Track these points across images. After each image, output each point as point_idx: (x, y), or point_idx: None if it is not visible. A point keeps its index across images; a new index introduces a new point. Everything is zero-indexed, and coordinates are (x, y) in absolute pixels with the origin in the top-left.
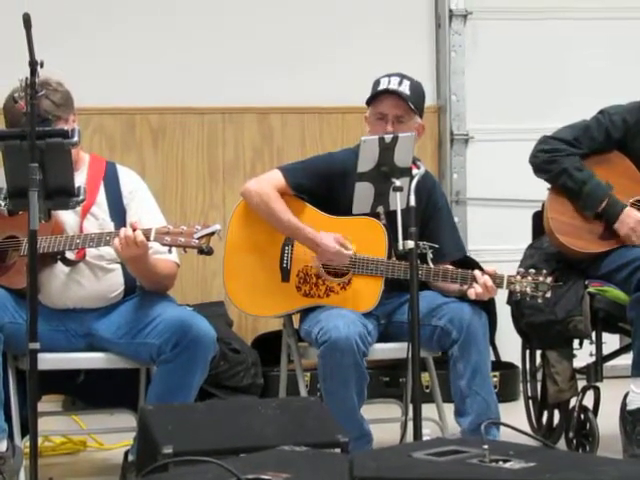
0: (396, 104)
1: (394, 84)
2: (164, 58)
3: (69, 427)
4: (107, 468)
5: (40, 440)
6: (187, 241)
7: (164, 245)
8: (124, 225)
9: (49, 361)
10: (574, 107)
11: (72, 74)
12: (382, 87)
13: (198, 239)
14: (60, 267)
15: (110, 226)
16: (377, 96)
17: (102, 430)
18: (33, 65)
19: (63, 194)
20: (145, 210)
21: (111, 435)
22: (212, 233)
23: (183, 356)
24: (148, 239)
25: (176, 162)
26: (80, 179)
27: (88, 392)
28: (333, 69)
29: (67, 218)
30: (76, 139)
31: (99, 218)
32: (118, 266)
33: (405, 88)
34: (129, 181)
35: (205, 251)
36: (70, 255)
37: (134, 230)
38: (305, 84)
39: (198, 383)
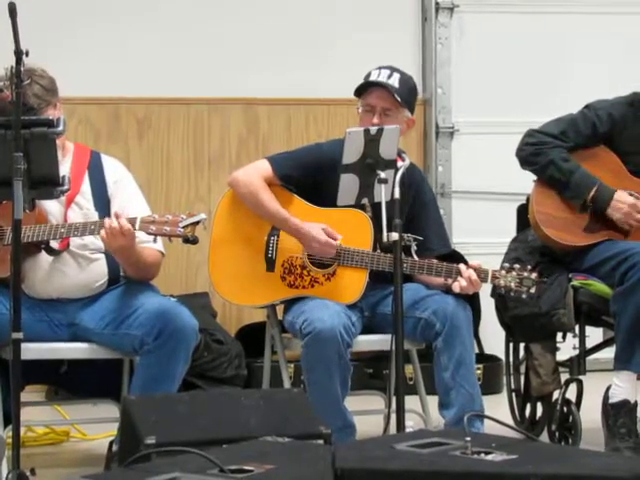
0: (383, 96)
1: (383, 77)
2: (150, 49)
3: (52, 417)
4: (90, 458)
5: (23, 430)
6: (172, 230)
7: (149, 234)
8: (108, 215)
9: (32, 351)
10: (560, 101)
11: (57, 64)
12: (371, 79)
13: (183, 228)
14: (44, 257)
15: (94, 216)
16: (365, 88)
17: (85, 420)
18: (19, 54)
19: (48, 183)
20: (130, 200)
21: (94, 425)
22: (197, 222)
23: (165, 346)
24: (133, 228)
25: (161, 153)
26: (64, 168)
27: (71, 382)
28: (319, 61)
29: (51, 207)
30: (61, 128)
31: (83, 208)
32: (102, 256)
33: (394, 81)
34: (114, 171)
35: (190, 240)
36: (54, 244)
37: (118, 219)
38: (291, 75)
39: (181, 373)
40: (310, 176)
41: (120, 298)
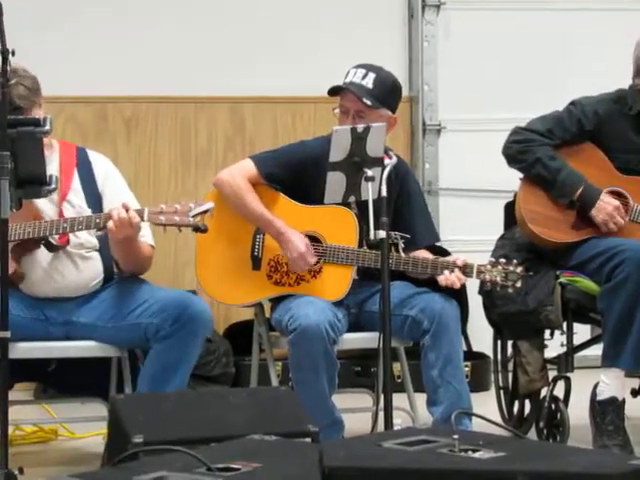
0: (353, 99)
1: (358, 77)
2: (137, 47)
3: (40, 416)
4: (78, 457)
5: (11, 429)
6: (182, 220)
7: (158, 225)
8: (100, 211)
9: (25, 350)
10: (547, 98)
11: (44, 62)
12: (346, 80)
13: (193, 217)
14: (42, 255)
15: (87, 213)
16: (337, 90)
17: (73, 419)
18: (4, 53)
19: (34, 183)
20: (121, 195)
21: (82, 424)
22: (206, 211)
23: (182, 331)
24: (142, 219)
25: (149, 151)
26: (52, 167)
27: (59, 380)
28: (305, 59)
29: (45, 207)
30: (48, 127)
31: (76, 205)
32: (97, 254)
33: (368, 82)
34: (102, 167)
35: (201, 229)
36: (53, 240)
37: (127, 211)
38: (277, 74)
39: (194, 360)
40: (294, 174)
41: (121, 292)
